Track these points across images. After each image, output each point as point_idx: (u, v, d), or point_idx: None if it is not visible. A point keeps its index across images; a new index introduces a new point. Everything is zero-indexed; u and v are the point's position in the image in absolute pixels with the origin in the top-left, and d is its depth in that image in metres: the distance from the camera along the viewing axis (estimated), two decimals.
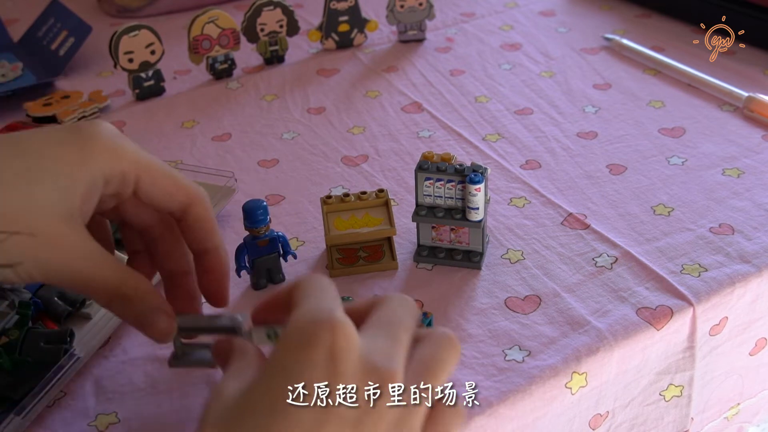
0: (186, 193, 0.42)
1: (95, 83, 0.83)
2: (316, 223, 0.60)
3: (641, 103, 0.74)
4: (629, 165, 0.65)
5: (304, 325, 0.34)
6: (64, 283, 0.40)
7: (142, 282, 0.41)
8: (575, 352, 0.47)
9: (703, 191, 0.61)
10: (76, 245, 0.39)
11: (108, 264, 0.40)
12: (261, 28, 0.82)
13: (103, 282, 0.39)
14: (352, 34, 0.87)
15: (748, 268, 0.53)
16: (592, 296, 0.52)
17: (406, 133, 0.71)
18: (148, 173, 0.41)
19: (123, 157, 0.40)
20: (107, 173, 0.39)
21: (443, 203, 0.53)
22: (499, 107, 0.74)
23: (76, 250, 0.39)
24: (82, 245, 0.39)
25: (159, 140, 0.73)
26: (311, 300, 0.35)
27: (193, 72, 0.84)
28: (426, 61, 0.84)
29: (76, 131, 0.40)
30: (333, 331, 0.34)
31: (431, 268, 0.55)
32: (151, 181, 0.41)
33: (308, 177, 0.66)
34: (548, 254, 0.56)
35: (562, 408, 0.48)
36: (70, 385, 0.47)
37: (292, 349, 0.34)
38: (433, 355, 0.37)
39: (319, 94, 0.79)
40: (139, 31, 0.76)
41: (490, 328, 0.50)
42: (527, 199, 0.61)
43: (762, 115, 0.69)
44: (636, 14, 0.91)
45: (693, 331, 0.51)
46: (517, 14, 0.93)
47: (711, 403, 0.56)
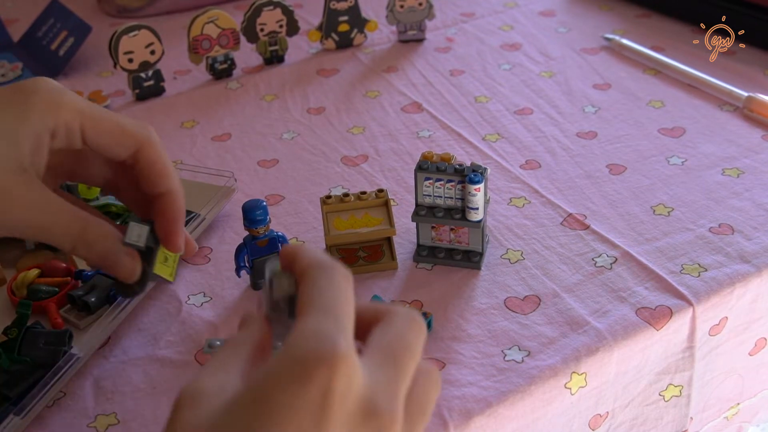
0: (133, 136, 0.43)
1: (95, 83, 0.83)
2: (316, 223, 0.60)
3: (641, 103, 0.74)
4: (629, 165, 0.65)
5: (301, 355, 0.29)
6: (24, 233, 0.42)
7: (103, 226, 0.42)
8: (575, 353, 0.47)
9: (703, 191, 0.61)
10: (29, 197, 0.40)
11: (66, 212, 0.41)
12: (261, 28, 0.82)
13: (64, 229, 0.41)
14: (351, 34, 0.87)
15: (747, 268, 0.53)
16: (592, 296, 0.52)
17: (405, 133, 0.71)
18: (91, 121, 0.42)
19: (64, 108, 0.41)
20: (51, 125, 0.41)
21: (443, 203, 0.53)
22: (498, 107, 0.74)
23: (31, 201, 0.40)
24: (37, 196, 0.40)
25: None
26: (318, 315, 0.31)
27: (193, 72, 0.84)
28: (426, 61, 0.84)
29: (18, 90, 0.41)
30: (332, 369, 0.29)
31: (431, 268, 0.55)
32: (96, 129, 0.42)
33: (308, 177, 0.66)
34: (548, 254, 0.56)
35: (562, 408, 0.48)
36: (69, 385, 0.47)
37: (283, 383, 0.29)
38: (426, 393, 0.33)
39: (319, 94, 0.79)
40: (138, 31, 0.76)
41: (490, 328, 0.50)
42: (527, 199, 0.61)
43: (762, 115, 0.69)
44: (636, 14, 0.91)
45: (693, 331, 0.51)
46: (517, 14, 0.93)
47: (710, 403, 0.56)
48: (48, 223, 0.40)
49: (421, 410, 0.33)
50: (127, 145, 0.43)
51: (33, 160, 0.40)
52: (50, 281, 0.54)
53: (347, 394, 0.29)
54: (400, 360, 0.32)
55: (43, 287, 0.53)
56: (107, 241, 0.42)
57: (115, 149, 0.43)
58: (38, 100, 0.41)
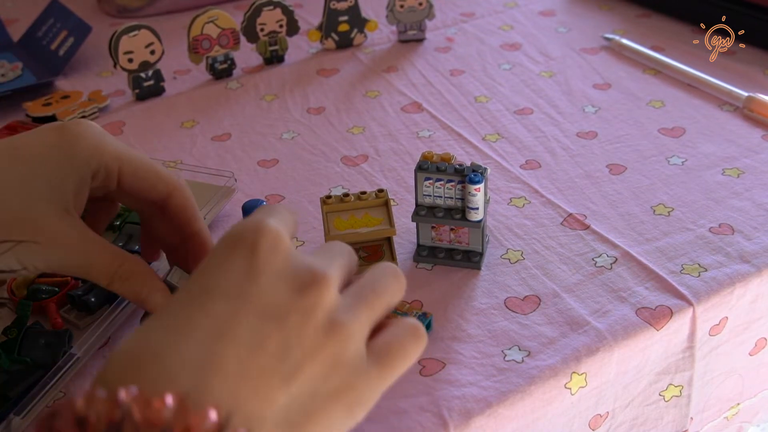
0: (166, 183, 0.46)
1: (95, 83, 0.83)
2: (316, 223, 0.59)
3: (641, 103, 0.74)
4: (629, 165, 0.65)
5: (232, 230, 0.36)
6: (67, 272, 0.44)
7: (138, 264, 0.44)
8: (575, 353, 0.47)
9: (703, 191, 0.61)
10: (74, 239, 0.43)
11: (105, 250, 0.44)
12: (261, 28, 0.82)
13: (103, 267, 0.43)
14: (351, 34, 0.87)
15: (748, 268, 0.53)
16: (592, 296, 0.52)
17: (405, 133, 0.71)
18: (129, 166, 0.45)
19: (105, 153, 0.44)
20: (93, 168, 0.44)
21: (443, 203, 0.53)
22: (498, 107, 0.74)
23: (76, 243, 0.43)
24: (80, 237, 0.43)
25: (159, 140, 0.73)
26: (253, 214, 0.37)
27: (192, 72, 0.84)
28: (426, 61, 0.84)
29: (64, 133, 0.44)
30: (258, 233, 0.35)
31: (431, 268, 0.55)
32: (133, 173, 0.45)
33: (308, 177, 0.66)
34: (548, 254, 0.56)
35: (562, 408, 0.48)
36: (69, 385, 0.47)
37: (217, 251, 0.35)
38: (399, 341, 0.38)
39: (319, 94, 0.79)
40: (138, 31, 0.76)
41: (490, 328, 0.50)
42: (527, 199, 0.61)
43: (762, 115, 0.69)
44: (636, 14, 0.91)
45: (693, 331, 0.51)
46: (517, 14, 0.93)
47: (711, 403, 0.56)
48: (89, 261, 0.43)
49: (390, 353, 0.36)
50: (159, 189, 0.46)
51: (76, 201, 0.43)
52: (50, 281, 0.54)
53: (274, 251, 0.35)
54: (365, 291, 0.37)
55: (43, 287, 0.53)
56: (140, 277, 0.44)
57: (149, 193, 0.46)
58: (85, 145, 0.44)
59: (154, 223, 0.48)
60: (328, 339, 0.34)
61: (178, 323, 0.33)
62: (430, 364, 0.47)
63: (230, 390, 0.31)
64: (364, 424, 0.43)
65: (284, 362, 0.33)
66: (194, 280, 0.35)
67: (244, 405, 0.31)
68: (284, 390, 0.33)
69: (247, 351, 0.33)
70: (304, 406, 0.33)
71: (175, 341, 0.32)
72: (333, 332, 0.35)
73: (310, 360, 0.34)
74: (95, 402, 0.29)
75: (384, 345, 0.37)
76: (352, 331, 0.35)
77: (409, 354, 0.38)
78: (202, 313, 0.33)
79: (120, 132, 0.74)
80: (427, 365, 0.47)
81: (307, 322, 0.34)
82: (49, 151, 0.43)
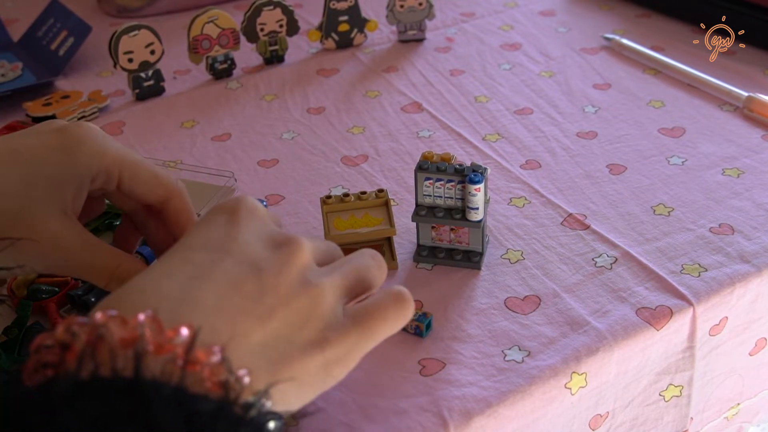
0: (165, 187, 0.46)
1: (95, 83, 0.83)
2: (316, 223, 0.59)
3: (641, 103, 0.74)
4: (629, 165, 0.65)
5: (216, 205, 0.40)
6: (65, 273, 0.45)
7: (135, 263, 0.45)
8: (575, 353, 0.47)
9: (703, 191, 0.61)
10: (72, 241, 0.43)
11: (103, 251, 0.44)
12: (261, 27, 0.82)
13: (101, 268, 0.44)
14: (351, 33, 0.87)
15: (748, 268, 0.53)
16: (592, 296, 0.52)
17: (405, 133, 0.71)
18: (129, 170, 0.45)
19: (106, 156, 0.44)
20: (93, 172, 0.44)
21: (443, 203, 0.53)
22: (498, 107, 0.74)
23: (73, 244, 0.43)
24: (78, 239, 0.43)
25: (159, 140, 0.73)
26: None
27: (192, 72, 0.84)
28: (426, 61, 0.84)
29: (65, 135, 0.44)
30: (237, 201, 0.39)
31: (431, 268, 0.55)
32: (132, 177, 0.45)
33: (308, 177, 0.66)
34: (548, 254, 0.56)
35: (562, 408, 0.48)
36: None
37: (201, 219, 0.39)
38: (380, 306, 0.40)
39: (319, 94, 0.79)
40: (138, 31, 0.76)
41: (490, 328, 0.50)
42: (527, 199, 0.61)
43: (762, 115, 0.69)
44: (636, 14, 0.91)
45: (693, 331, 0.51)
46: (517, 14, 0.93)
47: (711, 403, 0.56)
48: (87, 263, 0.44)
49: (368, 314, 0.38)
50: (158, 193, 0.46)
51: (74, 203, 0.44)
52: (50, 281, 0.54)
53: (252, 214, 0.39)
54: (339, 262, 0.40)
55: (43, 287, 0.53)
56: None
57: (148, 196, 0.46)
58: (86, 150, 0.44)
59: (150, 225, 0.49)
60: (301, 291, 0.36)
61: (162, 270, 0.36)
62: (430, 364, 0.47)
63: (206, 321, 0.33)
64: (364, 424, 0.43)
65: (259, 304, 0.35)
66: (180, 242, 0.38)
67: (218, 333, 0.33)
68: (259, 329, 0.34)
69: (224, 290, 0.35)
70: (280, 350, 0.35)
71: (157, 281, 0.35)
72: (306, 287, 0.37)
73: (284, 307, 0.36)
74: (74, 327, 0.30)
75: (362, 307, 0.39)
76: (324, 289, 0.37)
77: (389, 317, 0.39)
78: (184, 261, 0.36)
79: (120, 132, 0.74)
80: (427, 365, 0.47)
81: (281, 273, 0.36)
82: (50, 154, 0.43)
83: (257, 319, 0.35)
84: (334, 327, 0.37)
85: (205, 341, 0.31)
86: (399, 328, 0.40)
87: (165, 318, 0.32)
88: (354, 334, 0.37)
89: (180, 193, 0.47)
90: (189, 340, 0.31)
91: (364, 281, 0.41)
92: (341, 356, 0.37)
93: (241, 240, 0.37)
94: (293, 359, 0.35)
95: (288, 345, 0.35)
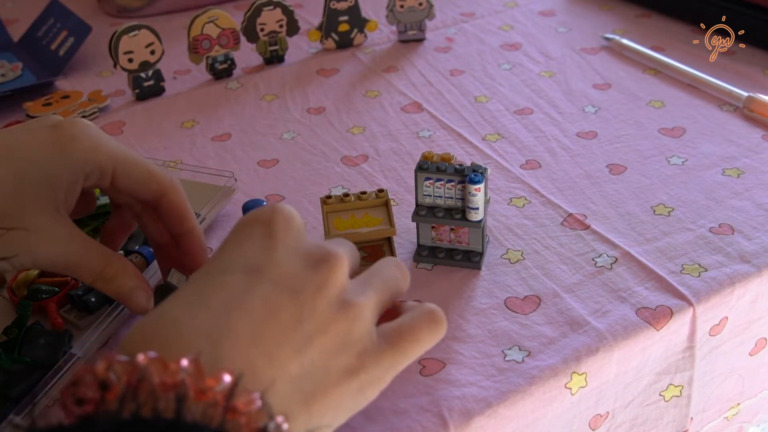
0: (159, 183, 0.46)
1: (95, 83, 0.83)
2: (316, 223, 0.59)
3: (641, 103, 0.74)
4: (629, 165, 0.65)
5: (248, 213, 0.39)
6: (55, 269, 0.45)
7: (123, 263, 0.45)
8: (575, 353, 0.47)
9: (703, 191, 0.61)
10: (63, 236, 0.43)
11: (92, 249, 0.44)
12: (261, 28, 0.82)
13: (89, 266, 0.44)
14: (351, 34, 0.87)
15: (748, 268, 0.53)
16: (592, 296, 0.52)
17: (406, 133, 0.71)
18: (123, 166, 0.45)
19: (100, 154, 0.44)
20: (87, 169, 0.44)
21: (443, 203, 0.53)
22: (499, 107, 0.74)
23: (64, 240, 0.43)
24: (69, 235, 0.43)
25: (159, 140, 0.73)
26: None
27: (192, 72, 0.84)
28: (426, 61, 0.84)
29: (59, 132, 0.44)
30: (273, 212, 0.38)
31: (431, 268, 0.55)
32: (126, 174, 0.45)
33: (308, 177, 0.66)
34: (548, 254, 0.56)
35: (562, 408, 0.48)
36: None
37: (234, 231, 0.38)
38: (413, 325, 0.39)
39: (319, 94, 0.79)
40: (138, 31, 0.76)
41: (490, 328, 0.50)
42: (527, 199, 0.61)
43: (762, 115, 0.69)
44: (636, 14, 0.91)
45: (693, 331, 0.51)
46: (517, 14, 0.93)
47: (711, 403, 0.56)
48: (76, 260, 0.44)
49: (401, 335, 0.38)
50: (153, 189, 0.46)
51: (67, 200, 0.43)
52: (50, 281, 0.54)
53: (288, 227, 0.38)
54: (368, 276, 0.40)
55: (43, 287, 0.53)
56: (125, 277, 0.45)
57: (142, 193, 0.46)
58: (79, 147, 0.44)
59: (146, 221, 0.48)
60: (339, 315, 0.36)
61: (196, 297, 0.35)
62: (430, 364, 0.47)
63: (243, 355, 0.32)
64: (364, 424, 0.43)
65: (296, 332, 0.34)
66: (213, 258, 0.37)
67: (256, 370, 0.32)
68: (296, 359, 0.34)
69: (260, 319, 0.34)
70: (316, 380, 0.34)
71: (191, 312, 0.34)
72: (344, 309, 0.36)
73: (321, 333, 0.35)
74: (115, 365, 0.30)
75: (396, 327, 0.38)
76: (362, 310, 0.37)
77: (421, 338, 0.39)
78: (218, 286, 0.35)
79: (120, 132, 0.74)
80: (427, 365, 0.47)
81: (320, 295, 0.35)
82: (43, 151, 0.43)
83: (294, 350, 0.34)
84: (369, 351, 0.36)
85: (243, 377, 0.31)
86: (431, 346, 0.40)
87: (204, 360, 0.31)
88: (389, 356, 0.37)
89: (175, 188, 0.47)
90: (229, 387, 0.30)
91: (394, 295, 0.41)
92: (375, 379, 0.37)
93: (278, 259, 0.36)
94: (328, 387, 0.35)
95: (324, 374, 0.35)
